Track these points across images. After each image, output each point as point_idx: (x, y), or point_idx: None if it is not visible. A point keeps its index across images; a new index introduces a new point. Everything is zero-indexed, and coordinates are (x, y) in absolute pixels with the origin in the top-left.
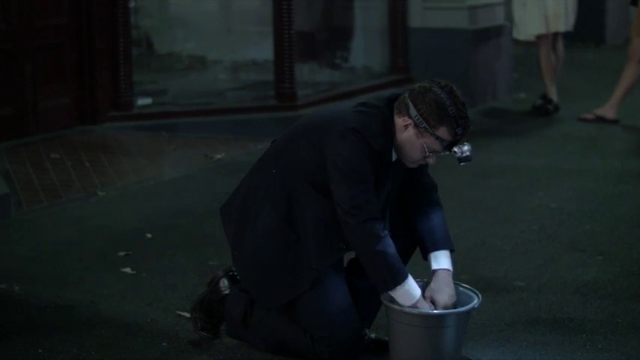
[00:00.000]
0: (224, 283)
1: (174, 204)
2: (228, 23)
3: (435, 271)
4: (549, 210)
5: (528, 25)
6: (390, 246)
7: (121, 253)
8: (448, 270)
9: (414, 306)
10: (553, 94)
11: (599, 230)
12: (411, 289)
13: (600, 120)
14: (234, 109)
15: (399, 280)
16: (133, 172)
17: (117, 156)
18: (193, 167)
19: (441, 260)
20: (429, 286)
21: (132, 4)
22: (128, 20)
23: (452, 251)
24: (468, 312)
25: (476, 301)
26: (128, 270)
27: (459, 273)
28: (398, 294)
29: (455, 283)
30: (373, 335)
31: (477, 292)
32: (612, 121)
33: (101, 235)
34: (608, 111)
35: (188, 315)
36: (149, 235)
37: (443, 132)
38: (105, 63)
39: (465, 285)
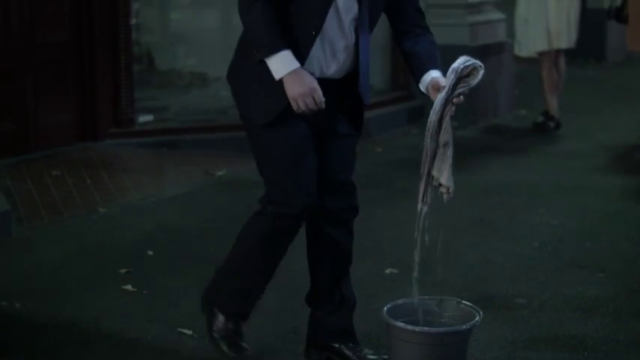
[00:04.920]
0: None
1: (175, 221)
2: (230, 40)
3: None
4: (550, 227)
5: (531, 42)
6: (261, 13)
7: (122, 270)
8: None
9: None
10: (555, 111)
11: (600, 247)
12: (287, 61)
13: None
14: (235, 126)
15: (272, 50)
16: (134, 189)
17: (118, 173)
18: (194, 184)
19: (432, 74)
20: (428, 86)
21: (133, 21)
22: (129, 37)
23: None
24: (469, 329)
25: (477, 319)
26: (129, 287)
27: (459, 290)
28: (272, 63)
29: (455, 301)
30: (371, 353)
31: (478, 309)
32: None
33: (102, 252)
34: None
35: (189, 332)
36: (150, 252)
37: None
38: (106, 79)
39: (466, 302)
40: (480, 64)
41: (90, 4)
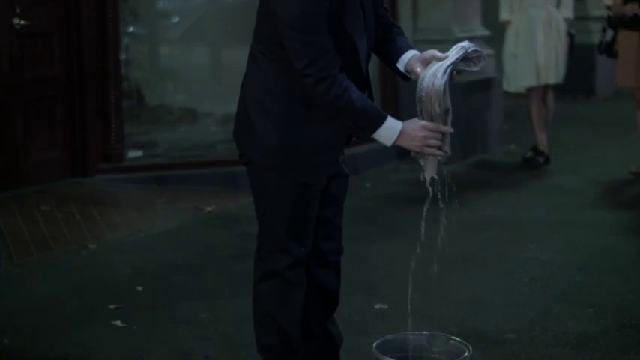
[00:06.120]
0: None
1: (165, 256)
2: (219, 75)
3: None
4: (540, 262)
5: (519, 77)
6: (354, 95)
7: (112, 306)
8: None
9: (403, 134)
10: (544, 146)
11: (590, 282)
12: (391, 126)
13: None
14: (225, 162)
15: (377, 124)
16: (124, 225)
17: (108, 208)
18: (184, 220)
19: (412, 52)
20: (411, 60)
21: (123, 56)
22: (119, 72)
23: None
24: None
25: (466, 354)
26: (119, 323)
27: (449, 326)
28: (381, 135)
29: (445, 336)
30: None
31: (468, 344)
32: None
33: (92, 288)
34: None
35: None
36: (140, 288)
37: None
38: (96, 115)
39: (456, 338)
40: (485, 55)
41: (80, 40)
